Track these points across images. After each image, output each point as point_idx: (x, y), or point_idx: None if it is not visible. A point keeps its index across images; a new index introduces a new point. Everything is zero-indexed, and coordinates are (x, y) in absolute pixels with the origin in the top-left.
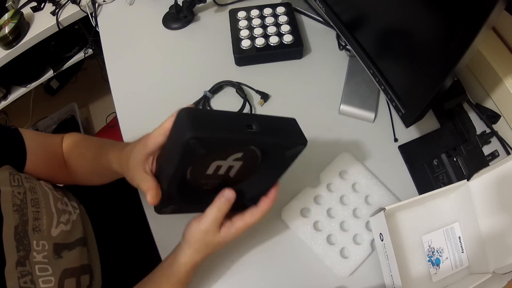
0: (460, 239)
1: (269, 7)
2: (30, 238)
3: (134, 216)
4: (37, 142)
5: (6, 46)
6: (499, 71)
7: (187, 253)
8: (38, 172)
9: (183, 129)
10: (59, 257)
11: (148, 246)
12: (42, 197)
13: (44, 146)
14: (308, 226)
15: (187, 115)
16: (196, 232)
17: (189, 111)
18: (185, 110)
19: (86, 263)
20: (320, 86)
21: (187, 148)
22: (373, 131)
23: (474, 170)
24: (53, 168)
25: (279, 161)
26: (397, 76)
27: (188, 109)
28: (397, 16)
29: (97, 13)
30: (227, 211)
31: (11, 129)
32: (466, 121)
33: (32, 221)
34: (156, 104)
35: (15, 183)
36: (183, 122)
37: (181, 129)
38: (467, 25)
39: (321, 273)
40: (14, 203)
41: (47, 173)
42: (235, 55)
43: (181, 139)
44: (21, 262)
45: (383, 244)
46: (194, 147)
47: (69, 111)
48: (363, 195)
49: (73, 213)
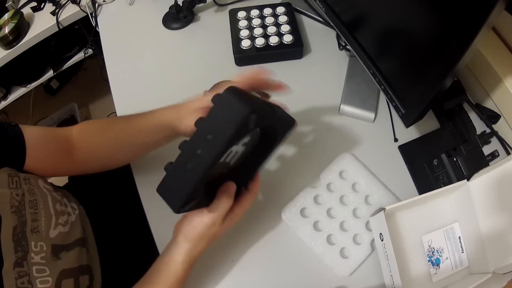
0: (460, 239)
1: (269, 7)
2: (29, 239)
3: (134, 216)
4: (38, 137)
5: (6, 46)
6: (499, 71)
7: (184, 249)
8: (39, 167)
9: (238, 105)
10: (57, 258)
11: (148, 246)
12: (41, 199)
13: (46, 140)
14: (308, 226)
15: (238, 93)
16: (199, 226)
17: (236, 91)
18: (233, 89)
19: (85, 264)
20: (320, 86)
21: (244, 123)
22: (373, 131)
23: (474, 170)
24: (56, 161)
25: (271, 144)
26: (397, 76)
27: (235, 89)
28: (397, 16)
29: (97, 13)
30: (231, 204)
31: (11, 126)
32: (466, 121)
33: (31, 222)
34: (156, 104)
35: (13, 185)
36: (235, 100)
37: (234, 106)
38: (467, 25)
39: (321, 273)
40: (12, 204)
41: (50, 167)
42: (235, 55)
43: (237, 114)
44: (19, 263)
45: (383, 244)
46: (250, 122)
47: (69, 111)
48: (363, 195)
49: (72, 214)
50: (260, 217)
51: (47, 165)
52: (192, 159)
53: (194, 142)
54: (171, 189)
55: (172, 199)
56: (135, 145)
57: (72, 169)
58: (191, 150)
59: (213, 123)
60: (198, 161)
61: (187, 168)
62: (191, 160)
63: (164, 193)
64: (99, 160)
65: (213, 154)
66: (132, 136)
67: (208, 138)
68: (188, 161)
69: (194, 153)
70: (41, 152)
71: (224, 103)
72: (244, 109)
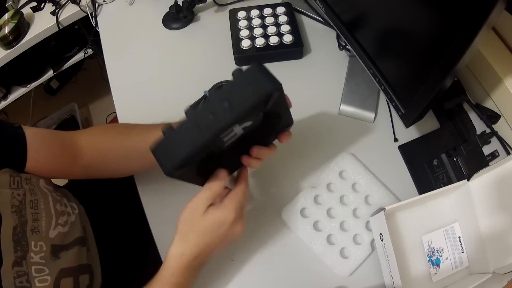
0: (460, 239)
1: (269, 7)
2: (29, 239)
3: (134, 216)
4: (41, 139)
5: (6, 46)
6: (499, 71)
7: (175, 241)
8: (40, 169)
9: (264, 80)
10: (56, 258)
11: (148, 245)
12: (42, 199)
13: (49, 143)
14: (308, 226)
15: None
16: (185, 211)
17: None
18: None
19: (85, 263)
20: (320, 86)
21: (266, 97)
22: (373, 131)
23: (474, 170)
24: (58, 165)
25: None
26: (397, 76)
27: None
28: (397, 16)
29: (97, 13)
30: (218, 192)
31: (13, 127)
32: (466, 121)
33: (31, 222)
34: (156, 104)
35: (14, 185)
36: (261, 74)
37: (259, 79)
38: (467, 25)
39: (321, 273)
40: (13, 204)
41: (52, 170)
42: (235, 55)
43: (263, 88)
44: (18, 262)
45: (383, 244)
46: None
47: (69, 111)
48: (363, 195)
49: (72, 214)
50: (260, 217)
51: (49, 168)
52: (201, 121)
53: (206, 107)
54: (168, 149)
55: (167, 158)
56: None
57: (75, 174)
58: (201, 113)
59: (232, 93)
60: (209, 124)
61: (192, 128)
62: (199, 122)
63: (159, 152)
64: (105, 166)
65: (227, 120)
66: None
67: (224, 105)
68: (195, 124)
69: (203, 117)
70: (43, 155)
71: (248, 76)
72: (270, 83)
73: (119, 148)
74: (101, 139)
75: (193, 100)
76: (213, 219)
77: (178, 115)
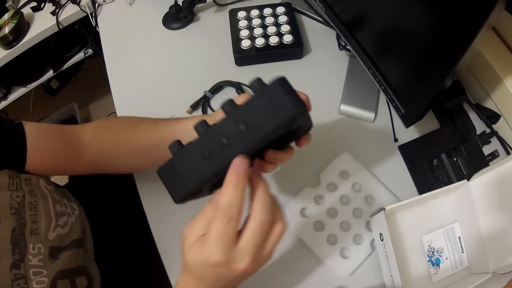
0: (460, 239)
1: (269, 7)
2: (27, 241)
3: (134, 216)
4: (42, 136)
5: (6, 46)
6: (499, 71)
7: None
8: (42, 167)
9: (288, 101)
10: (55, 259)
11: (148, 247)
12: (41, 200)
13: (51, 139)
14: (308, 226)
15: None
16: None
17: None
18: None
19: (81, 265)
20: (320, 86)
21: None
22: (373, 131)
23: (474, 170)
24: (61, 161)
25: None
26: (397, 76)
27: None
28: (397, 16)
29: (97, 13)
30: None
31: (13, 124)
32: (466, 121)
33: (30, 224)
34: (156, 104)
35: (13, 187)
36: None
37: (282, 99)
38: (467, 25)
39: (321, 273)
40: (12, 206)
41: (54, 167)
42: (235, 55)
43: (286, 111)
44: (16, 265)
45: (383, 244)
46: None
47: (69, 111)
48: (363, 195)
49: (72, 215)
50: None
51: (51, 165)
52: (213, 147)
53: (219, 128)
54: (177, 174)
55: (176, 186)
56: (153, 151)
57: (79, 169)
58: (214, 136)
59: (249, 113)
60: (221, 151)
61: (203, 155)
62: (211, 147)
63: (167, 177)
64: (110, 162)
65: (242, 149)
66: (152, 141)
67: (240, 128)
68: (207, 148)
69: (217, 141)
70: (43, 152)
71: (270, 94)
72: (295, 106)
73: (125, 144)
74: (106, 134)
75: (193, 100)
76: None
77: (178, 115)
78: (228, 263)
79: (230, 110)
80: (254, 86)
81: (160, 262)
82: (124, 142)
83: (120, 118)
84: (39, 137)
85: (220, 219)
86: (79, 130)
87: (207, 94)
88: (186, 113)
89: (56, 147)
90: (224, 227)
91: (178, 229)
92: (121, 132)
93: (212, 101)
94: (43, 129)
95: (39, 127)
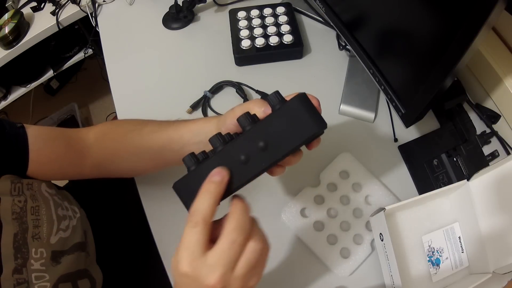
0: (460, 239)
1: (269, 7)
2: (29, 246)
3: (135, 218)
4: (44, 139)
5: (6, 46)
6: (499, 71)
7: None
8: (44, 171)
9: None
10: (57, 263)
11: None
12: (43, 204)
13: (53, 142)
14: (308, 226)
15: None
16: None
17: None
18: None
19: (83, 268)
20: (320, 86)
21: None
22: (373, 131)
23: (474, 170)
24: (63, 165)
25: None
26: (397, 76)
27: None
28: (397, 16)
29: (97, 13)
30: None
31: (15, 127)
32: (466, 121)
33: (32, 229)
34: (156, 104)
35: (15, 192)
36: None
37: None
38: (467, 25)
39: (321, 273)
40: (14, 211)
41: (56, 171)
42: (235, 55)
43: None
44: (18, 270)
45: (383, 244)
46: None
47: (69, 111)
48: (363, 195)
49: (73, 218)
50: (260, 217)
51: (53, 169)
52: (231, 164)
53: (238, 145)
54: (193, 189)
55: (192, 201)
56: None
57: (84, 173)
58: (231, 152)
59: (269, 131)
60: (239, 169)
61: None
62: (229, 166)
63: (183, 192)
64: (115, 165)
65: (260, 167)
66: (158, 144)
67: (259, 145)
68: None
69: (235, 158)
70: (45, 156)
71: (291, 111)
72: (316, 125)
73: (130, 146)
74: (111, 137)
75: (193, 100)
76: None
77: (178, 115)
78: (196, 274)
79: (248, 125)
80: (272, 100)
81: (160, 263)
82: (129, 145)
83: (125, 121)
84: (41, 141)
85: (187, 225)
86: (83, 133)
87: (207, 94)
88: (186, 113)
89: (59, 151)
90: (189, 232)
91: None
92: (126, 135)
93: (212, 101)
94: (45, 133)
95: (42, 130)
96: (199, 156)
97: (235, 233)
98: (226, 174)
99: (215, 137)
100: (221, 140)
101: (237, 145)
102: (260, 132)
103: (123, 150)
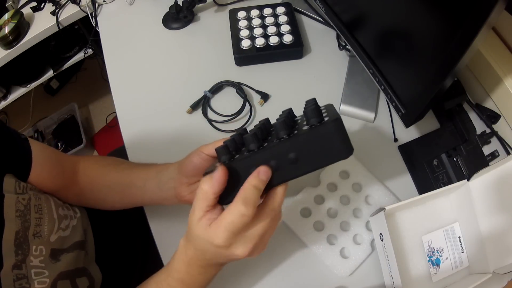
0: (460, 239)
1: (269, 7)
2: (30, 243)
3: (135, 217)
4: (46, 157)
5: (6, 46)
6: (499, 71)
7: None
8: (41, 184)
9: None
10: (56, 261)
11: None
12: (45, 203)
13: (52, 161)
14: (308, 226)
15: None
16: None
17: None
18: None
19: (81, 266)
20: (320, 86)
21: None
22: (373, 131)
23: (474, 170)
24: (57, 185)
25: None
26: (397, 76)
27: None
28: (397, 16)
29: (97, 13)
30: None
31: (20, 138)
32: (466, 121)
33: (34, 227)
34: (156, 104)
35: (20, 190)
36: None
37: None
38: (467, 25)
39: (321, 273)
40: (18, 208)
41: (50, 188)
42: (235, 55)
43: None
44: (18, 266)
45: (383, 244)
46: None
47: (69, 111)
48: (363, 195)
49: (74, 218)
50: None
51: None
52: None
53: (268, 151)
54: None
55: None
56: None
57: (69, 198)
58: (262, 157)
59: (302, 147)
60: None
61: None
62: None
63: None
64: (92, 195)
65: (286, 177)
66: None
67: (290, 156)
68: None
69: (266, 162)
70: (46, 171)
71: (325, 133)
72: (345, 150)
73: (105, 178)
74: (92, 167)
75: (193, 100)
76: (200, 234)
77: (177, 115)
78: (229, 248)
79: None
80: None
81: (160, 263)
82: (104, 176)
83: (108, 157)
84: (43, 157)
85: (234, 214)
86: (74, 161)
87: (207, 94)
88: (186, 113)
89: (54, 172)
90: (236, 220)
91: (178, 230)
92: (104, 166)
93: (212, 101)
94: (47, 151)
95: (44, 148)
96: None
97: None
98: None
99: (250, 136)
100: (257, 142)
101: (270, 151)
102: (295, 145)
103: (99, 181)
